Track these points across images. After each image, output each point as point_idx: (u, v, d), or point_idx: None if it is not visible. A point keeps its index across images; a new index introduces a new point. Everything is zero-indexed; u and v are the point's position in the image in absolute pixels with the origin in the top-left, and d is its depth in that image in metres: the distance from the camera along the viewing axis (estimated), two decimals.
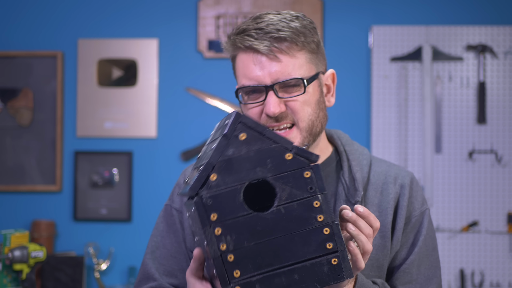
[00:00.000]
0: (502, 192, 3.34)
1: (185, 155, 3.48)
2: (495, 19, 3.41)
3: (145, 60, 3.49)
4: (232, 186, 1.04)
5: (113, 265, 3.48)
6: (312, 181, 1.07)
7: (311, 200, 1.06)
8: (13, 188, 3.52)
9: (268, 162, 1.06)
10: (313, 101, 1.31)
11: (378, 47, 3.40)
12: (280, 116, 1.28)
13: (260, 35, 1.27)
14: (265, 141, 1.06)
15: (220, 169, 1.04)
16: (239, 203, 1.04)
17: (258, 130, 1.07)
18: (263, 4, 3.46)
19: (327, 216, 1.07)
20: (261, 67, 1.28)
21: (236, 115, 1.06)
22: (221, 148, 1.05)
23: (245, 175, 1.05)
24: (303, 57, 1.30)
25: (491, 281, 3.31)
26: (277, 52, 1.27)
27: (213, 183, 1.04)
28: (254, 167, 1.05)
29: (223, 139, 1.05)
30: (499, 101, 3.37)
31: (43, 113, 3.51)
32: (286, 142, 1.07)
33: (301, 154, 1.07)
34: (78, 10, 3.54)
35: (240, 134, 1.06)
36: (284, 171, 1.06)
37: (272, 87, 1.28)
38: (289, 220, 1.05)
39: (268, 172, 1.05)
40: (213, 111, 3.48)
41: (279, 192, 1.06)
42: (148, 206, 3.48)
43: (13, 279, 1.96)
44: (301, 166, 1.07)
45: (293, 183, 1.06)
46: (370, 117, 3.41)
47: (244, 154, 1.05)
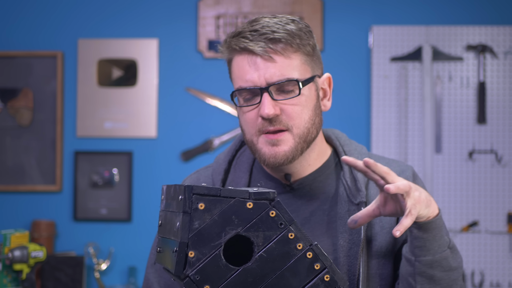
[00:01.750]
0: (502, 192, 3.34)
1: (185, 155, 3.48)
2: (495, 19, 3.41)
3: (145, 60, 3.49)
4: (211, 254, 1.09)
5: (113, 265, 3.48)
6: (279, 217, 1.12)
7: (286, 234, 1.12)
8: (13, 188, 3.52)
9: (234, 218, 1.10)
10: (310, 106, 1.31)
11: (378, 47, 3.40)
12: (274, 119, 1.28)
13: (255, 37, 1.27)
14: (223, 201, 1.11)
15: (194, 244, 1.09)
16: (224, 266, 1.09)
17: (212, 194, 1.11)
18: (263, 4, 3.46)
19: (304, 242, 1.12)
20: (256, 68, 1.28)
21: (187, 189, 1.10)
22: (186, 225, 1.09)
23: (218, 238, 1.10)
24: (298, 59, 1.29)
25: (491, 281, 3.31)
26: (272, 53, 1.27)
27: (193, 259, 1.08)
28: (223, 229, 1.10)
29: (185, 216, 1.09)
30: (499, 101, 3.37)
31: (43, 113, 3.51)
32: (242, 193, 1.12)
33: (259, 198, 1.12)
34: (78, 10, 3.54)
35: (198, 205, 1.10)
36: (251, 220, 1.11)
37: (267, 89, 1.27)
38: (273, 261, 1.11)
39: (237, 227, 1.10)
40: (213, 111, 3.49)
41: (255, 240, 1.11)
42: (148, 206, 3.48)
43: (13, 279, 1.96)
44: (264, 209, 1.11)
45: (263, 227, 1.11)
46: (370, 117, 3.41)
47: (209, 221, 1.10)
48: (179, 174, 3.45)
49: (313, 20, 3.43)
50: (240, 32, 1.29)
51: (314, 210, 1.37)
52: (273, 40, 1.27)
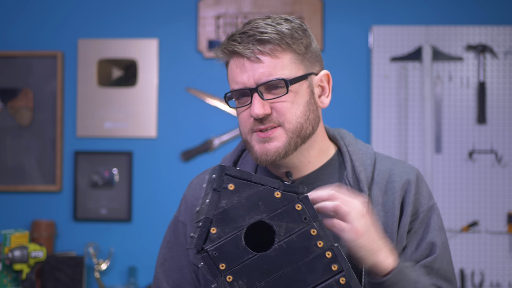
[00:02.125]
0: (502, 192, 3.34)
1: (185, 155, 3.48)
2: (495, 19, 3.41)
3: (145, 60, 3.49)
4: (232, 235, 1.12)
5: (113, 265, 3.48)
6: (305, 212, 1.14)
7: (308, 230, 1.14)
8: (13, 188, 3.52)
9: (260, 205, 1.13)
10: (301, 102, 1.31)
11: (378, 47, 3.40)
12: (265, 118, 1.29)
13: (243, 39, 1.29)
14: (252, 186, 1.14)
15: (217, 221, 1.12)
16: (243, 248, 1.12)
17: (243, 178, 1.14)
18: (263, 4, 3.46)
19: (326, 241, 1.14)
20: (243, 70, 1.30)
21: (220, 168, 1.14)
22: (214, 202, 1.12)
23: (242, 221, 1.13)
24: (287, 58, 1.30)
25: (491, 281, 3.31)
26: (259, 54, 1.28)
27: (214, 236, 1.12)
28: (248, 212, 1.13)
29: (214, 194, 1.13)
30: (499, 101, 3.37)
31: (43, 113, 3.51)
32: (272, 182, 1.15)
33: (288, 190, 1.15)
34: (78, 10, 3.54)
35: (228, 185, 1.13)
36: (276, 209, 1.13)
37: (256, 89, 1.29)
38: (292, 253, 1.13)
39: (262, 214, 1.13)
40: (213, 111, 3.49)
41: (277, 229, 1.13)
42: (148, 206, 3.48)
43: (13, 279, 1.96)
44: (291, 201, 1.14)
45: (287, 218, 1.13)
46: (370, 117, 3.41)
47: (236, 202, 1.13)
48: (179, 174, 3.45)
49: (313, 20, 3.43)
50: (232, 35, 1.32)
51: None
52: (260, 41, 1.28)
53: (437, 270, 1.33)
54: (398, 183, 1.36)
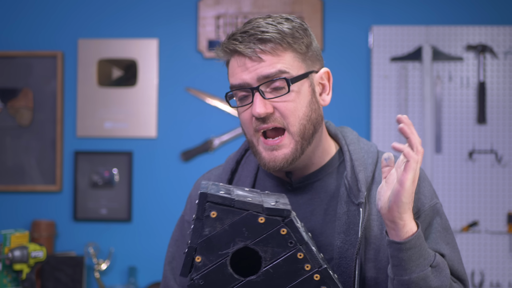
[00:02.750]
0: (502, 192, 3.34)
1: (185, 155, 3.48)
2: (495, 19, 3.41)
3: (145, 60, 3.49)
4: (217, 262, 1.10)
5: (113, 265, 3.48)
6: (290, 236, 1.11)
7: (295, 253, 1.11)
8: (13, 188, 3.52)
9: (244, 231, 1.11)
10: (304, 102, 1.31)
11: (378, 47, 3.40)
12: (268, 117, 1.28)
13: (245, 38, 1.29)
14: (235, 212, 1.11)
15: (202, 249, 1.10)
16: (229, 275, 1.10)
17: (226, 204, 1.11)
18: (263, 4, 3.46)
19: (313, 263, 1.12)
20: (244, 69, 1.29)
21: (201, 196, 1.11)
22: (198, 230, 1.10)
23: (226, 248, 1.10)
24: (289, 56, 1.29)
25: (491, 281, 3.31)
26: (260, 53, 1.28)
27: (199, 264, 1.10)
28: (232, 239, 1.10)
29: (197, 222, 1.11)
30: (499, 101, 3.37)
31: (43, 113, 3.51)
32: (255, 207, 1.12)
33: (272, 214, 1.12)
34: (78, 10, 3.54)
35: (210, 213, 1.11)
36: (261, 234, 1.11)
37: (258, 88, 1.28)
38: (279, 277, 1.10)
39: (247, 240, 1.10)
40: (213, 111, 3.49)
41: (263, 254, 1.11)
42: (148, 206, 3.48)
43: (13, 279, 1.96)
44: (275, 226, 1.11)
45: (273, 243, 1.11)
46: (370, 117, 3.41)
47: (220, 230, 1.10)
48: (179, 174, 3.46)
49: (313, 20, 3.43)
50: (233, 34, 1.31)
51: (314, 209, 1.36)
52: (261, 40, 1.28)
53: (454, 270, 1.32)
54: None
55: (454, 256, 1.34)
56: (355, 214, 1.31)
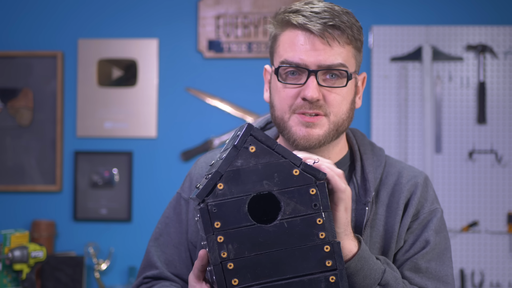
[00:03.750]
0: (502, 192, 3.34)
1: (185, 155, 3.48)
2: (495, 19, 3.41)
3: (145, 60, 3.49)
4: (238, 197, 1.07)
5: (113, 265, 3.48)
6: (317, 198, 1.09)
7: (315, 217, 1.08)
8: (13, 188, 3.52)
9: (275, 176, 1.08)
10: (349, 99, 1.33)
11: (378, 47, 3.40)
12: (315, 103, 1.28)
13: (315, 18, 1.27)
14: (274, 155, 1.09)
15: (227, 179, 1.07)
16: (244, 214, 1.07)
17: (267, 144, 1.09)
18: (263, 4, 3.46)
19: (328, 234, 1.09)
20: (312, 47, 1.27)
21: (247, 127, 1.09)
22: (230, 159, 1.07)
23: (252, 187, 1.07)
24: (350, 50, 1.30)
25: (491, 281, 3.31)
26: (329, 37, 1.27)
27: (219, 192, 1.07)
28: (261, 180, 1.08)
29: (232, 150, 1.08)
30: (499, 101, 3.37)
31: (43, 113, 3.51)
32: (295, 158, 1.09)
33: (308, 171, 1.09)
34: (78, 10, 3.54)
35: (250, 147, 1.08)
36: (290, 186, 1.08)
37: (316, 72, 1.27)
38: (291, 235, 1.08)
39: (274, 186, 1.08)
40: (213, 111, 3.48)
41: (284, 206, 1.08)
42: (148, 206, 3.48)
43: (13, 279, 1.96)
44: (307, 183, 1.09)
45: (298, 198, 1.08)
46: (370, 117, 3.41)
47: (252, 166, 1.08)
48: (179, 174, 3.45)
49: None
50: (299, 10, 1.29)
51: None
52: (331, 26, 1.27)
53: (425, 268, 1.31)
54: (406, 185, 1.36)
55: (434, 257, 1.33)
56: (362, 213, 1.31)
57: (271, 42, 1.35)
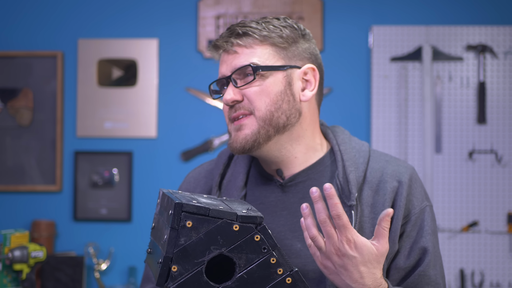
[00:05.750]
0: (502, 192, 3.34)
1: (185, 155, 3.48)
2: (495, 19, 3.41)
3: (145, 60, 3.49)
4: (193, 271, 1.12)
5: (113, 265, 3.48)
6: (263, 242, 1.15)
7: (268, 259, 1.15)
8: (13, 188, 3.52)
9: (219, 239, 1.13)
10: (272, 91, 1.34)
11: (378, 47, 3.40)
12: (238, 105, 1.34)
13: (226, 34, 1.36)
14: (210, 221, 1.13)
15: (178, 259, 1.12)
16: (205, 283, 1.12)
17: (201, 213, 1.13)
18: (263, 4, 3.46)
19: (285, 267, 1.15)
20: (223, 62, 1.37)
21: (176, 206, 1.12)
22: (173, 240, 1.12)
23: (202, 256, 1.12)
24: (264, 49, 1.35)
25: (491, 281, 3.31)
26: (236, 46, 1.35)
27: (175, 274, 1.11)
28: (208, 247, 1.12)
29: (172, 232, 1.12)
30: (499, 101, 3.37)
31: (43, 113, 3.51)
32: (230, 215, 1.14)
33: (246, 221, 1.15)
34: (78, 10, 3.54)
35: (186, 223, 1.12)
36: (235, 241, 1.14)
37: (230, 77, 1.34)
38: (253, 282, 1.14)
39: (221, 247, 1.13)
40: (213, 111, 3.49)
41: (237, 261, 1.13)
42: (148, 206, 3.48)
43: (13, 279, 1.96)
44: (249, 233, 1.14)
45: (247, 249, 1.14)
46: (370, 117, 3.41)
47: (195, 239, 1.12)
48: (179, 174, 3.45)
49: (313, 20, 3.43)
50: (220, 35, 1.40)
51: None
52: (238, 35, 1.35)
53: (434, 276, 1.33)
54: (390, 184, 1.34)
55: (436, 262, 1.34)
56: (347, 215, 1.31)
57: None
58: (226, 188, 1.42)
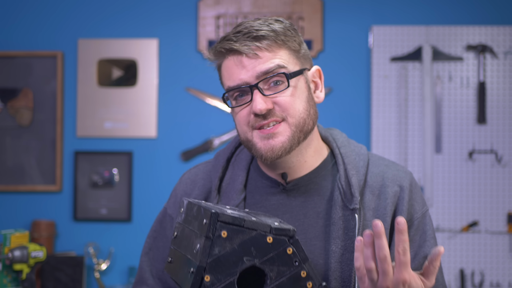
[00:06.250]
0: (502, 192, 3.34)
1: (185, 155, 3.48)
2: (495, 19, 3.41)
3: (145, 60, 3.49)
4: (226, 281, 1.12)
5: (113, 265, 3.48)
6: (295, 255, 1.15)
7: (299, 272, 1.15)
8: (13, 188, 3.52)
9: (253, 250, 1.13)
10: (302, 97, 1.31)
11: (378, 47, 3.40)
12: (267, 113, 1.28)
13: (239, 37, 1.29)
14: (245, 232, 1.13)
15: (211, 269, 1.11)
16: None
17: (236, 224, 1.13)
18: (263, 4, 3.46)
19: (315, 281, 1.16)
20: (242, 66, 1.29)
21: (213, 215, 1.12)
22: (207, 250, 1.12)
23: (235, 267, 1.12)
24: (284, 53, 1.30)
25: (491, 281, 3.31)
26: (257, 50, 1.28)
27: (208, 284, 1.11)
28: (241, 258, 1.12)
29: (206, 241, 1.12)
30: (499, 101, 3.37)
31: (43, 113, 3.51)
32: (264, 227, 1.14)
33: (279, 234, 1.15)
34: (78, 10, 3.55)
35: (221, 233, 1.12)
36: (268, 253, 1.14)
37: (257, 85, 1.28)
38: None
39: (254, 259, 1.13)
40: (213, 111, 3.49)
41: (268, 273, 1.13)
42: (148, 206, 3.48)
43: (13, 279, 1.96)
44: (282, 245, 1.15)
45: (279, 262, 1.14)
46: (370, 117, 3.41)
47: (229, 249, 1.12)
48: (179, 174, 3.44)
49: (313, 20, 3.43)
50: (225, 36, 1.32)
51: (308, 211, 1.35)
52: (257, 38, 1.28)
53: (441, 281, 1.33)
54: (391, 189, 1.34)
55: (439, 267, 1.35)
56: (349, 219, 1.30)
57: (218, 75, 1.38)
58: (225, 191, 1.41)
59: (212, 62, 1.37)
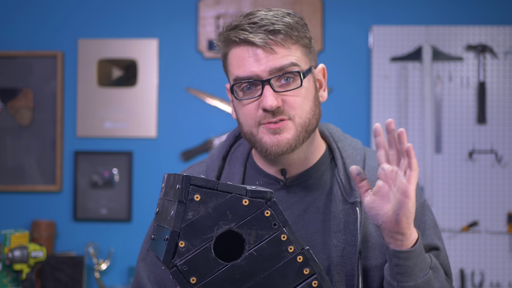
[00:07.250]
0: (502, 192, 3.34)
1: (185, 155, 3.48)
2: (495, 19, 3.41)
3: (145, 60, 3.49)
4: (201, 247, 1.08)
5: (113, 265, 3.48)
6: (274, 218, 1.11)
7: (278, 235, 1.11)
8: (13, 188, 3.52)
9: (228, 214, 1.09)
10: (310, 97, 1.30)
11: (378, 47, 3.40)
12: (276, 110, 1.27)
13: (255, 29, 1.26)
14: (219, 195, 1.10)
15: (185, 234, 1.08)
16: (213, 260, 1.08)
17: (209, 187, 1.10)
18: (263, 4, 3.46)
19: (296, 245, 1.12)
20: (256, 59, 1.26)
21: (184, 179, 1.09)
22: (180, 215, 1.08)
23: (210, 232, 1.09)
24: (297, 50, 1.29)
25: (491, 281, 3.31)
26: (272, 44, 1.26)
27: (183, 249, 1.08)
28: (216, 222, 1.09)
29: (179, 206, 1.09)
30: (499, 101, 3.37)
31: (43, 113, 3.51)
32: (239, 189, 1.11)
33: (256, 196, 1.11)
34: (78, 10, 3.55)
35: (194, 196, 1.09)
36: (245, 217, 1.10)
37: (269, 81, 1.26)
38: (263, 260, 1.10)
39: (231, 223, 1.09)
40: (213, 111, 3.49)
41: (247, 237, 1.10)
42: (148, 206, 3.48)
43: (13, 279, 1.96)
44: (259, 208, 1.11)
45: (256, 225, 1.10)
46: (370, 117, 3.41)
47: (204, 213, 1.09)
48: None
49: (313, 20, 3.43)
50: (238, 25, 1.28)
51: (308, 207, 1.35)
52: (273, 32, 1.26)
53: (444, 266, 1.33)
54: None
55: (444, 251, 1.35)
56: (349, 213, 1.31)
57: (223, 62, 1.35)
58: None
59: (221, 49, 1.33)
